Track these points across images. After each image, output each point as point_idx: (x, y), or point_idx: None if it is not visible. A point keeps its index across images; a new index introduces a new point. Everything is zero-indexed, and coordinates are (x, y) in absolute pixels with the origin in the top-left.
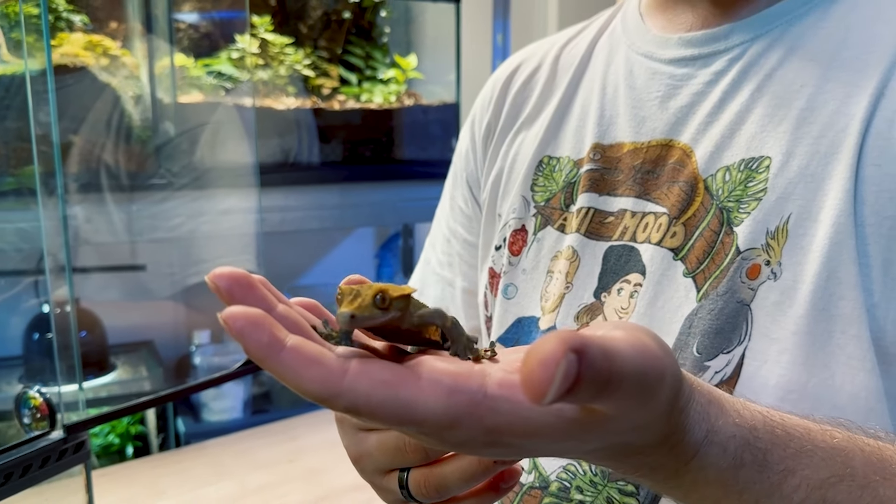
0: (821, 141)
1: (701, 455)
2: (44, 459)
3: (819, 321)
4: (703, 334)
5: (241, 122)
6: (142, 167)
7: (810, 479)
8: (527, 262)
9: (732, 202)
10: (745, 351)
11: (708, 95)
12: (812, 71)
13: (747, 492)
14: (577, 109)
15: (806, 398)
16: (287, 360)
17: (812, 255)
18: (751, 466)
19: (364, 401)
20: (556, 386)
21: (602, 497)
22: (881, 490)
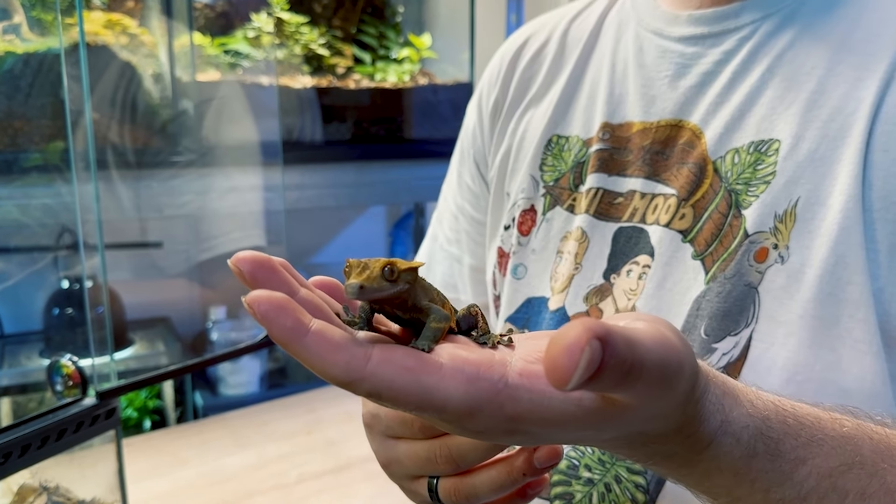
0: (830, 125)
1: (715, 445)
2: (78, 424)
3: (826, 305)
4: (710, 317)
5: (261, 100)
6: (161, 145)
7: (821, 468)
8: (536, 242)
9: (741, 185)
10: (752, 333)
11: (718, 76)
12: (823, 53)
13: (759, 480)
14: (586, 87)
15: (812, 381)
16: (311, 344)
17: (820, 239)
18: (763, 456)
19: (386, 386)
20: (579, 372)
21: (610, 475)
22: (888, 478)
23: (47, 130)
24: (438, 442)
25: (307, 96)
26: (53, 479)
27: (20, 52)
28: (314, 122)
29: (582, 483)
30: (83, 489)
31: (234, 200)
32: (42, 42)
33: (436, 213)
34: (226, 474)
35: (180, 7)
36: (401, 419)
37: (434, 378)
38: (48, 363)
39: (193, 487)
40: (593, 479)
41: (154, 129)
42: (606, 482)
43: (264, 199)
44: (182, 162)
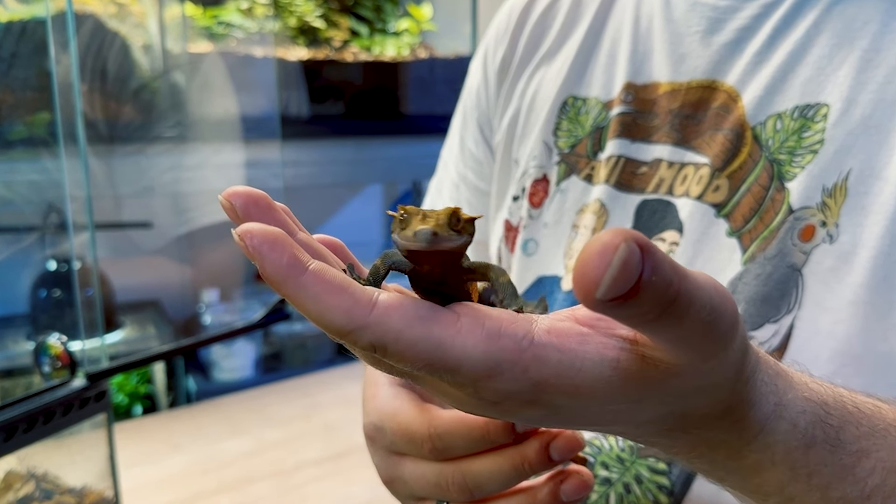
0: (887, 88)
1: (767, 431)
2: (66, 407)
3: (880, 291)
4: (748, 301)
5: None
6: (151, 119)
7: (885, 462)
8: (549, 215)
9: (784, 154)
10: (794, 321)
11: (757, 31)
12: (878, 6)
13: (817, 475)
14: (606, 44)
15: (862, 374)
16: (309, 284)
17: (874, 216)
18: (822, 445)
19: (393, 336)
20: (611, 273)
21: (630, 474)
22: None
23: (33, 102)
24: (452, 467)
25: (302, 70)
26: (42, 465)
27: (4, 21)
28: (308, 96)
29: (598, 482)
30: (73, 476)
31: (228, 176)
32: (27, 10)
33: (434, 181)
34: (221, 460)
35: None
36: (408, 435)
37: (450, 331)
38: (35, 344)
39: (187, 474)
40: (611, 478)
41: (144, 103)
42: (626, 482)
43: (261, 176)
44: (173, 137)
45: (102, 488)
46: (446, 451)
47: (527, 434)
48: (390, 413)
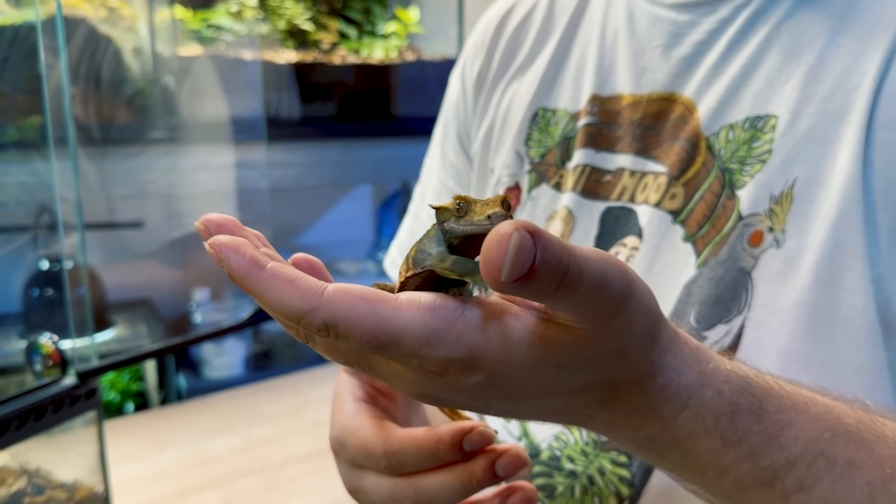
0: (830, 100)
1: (696, 399)
2: (57, 404)
3: (824, 292)
4: (701, 303)
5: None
6: (141, 121)
7: (807, 432)
8: None
9: (735, 163)
10: (744, 321)
11: (713, 46)
12: (824, 22)
13: (745, 442)
14: (574, 57)
15: (808, 371)
16: (267, 277)
17: (818, 222)
18: (747, 413)
19: (343, 315)
20: (510, 257)
21: (594, 467)
22: (876, 448)
23: (24, 105)
24: (406, 482)
25: (291, 72)
26: (34, 461)
27: None
28: (298, 98)
29: (564, 475)
30: (64, 471)
31: (218, 178)
32: (18, 14)
33: (418, 189)
34: (210, 456)
35: None
36: (366, 452)
37: (391, 306)
38: (27, 343)
39: (177, 470)
40: (576, 470)
41: (134, 105)
42: (589, 474)
43: (248, 177)
44: (163, 139)
45: (93, 483)
46: (400, 467)
47: (475, 452)
48: (351, 429)
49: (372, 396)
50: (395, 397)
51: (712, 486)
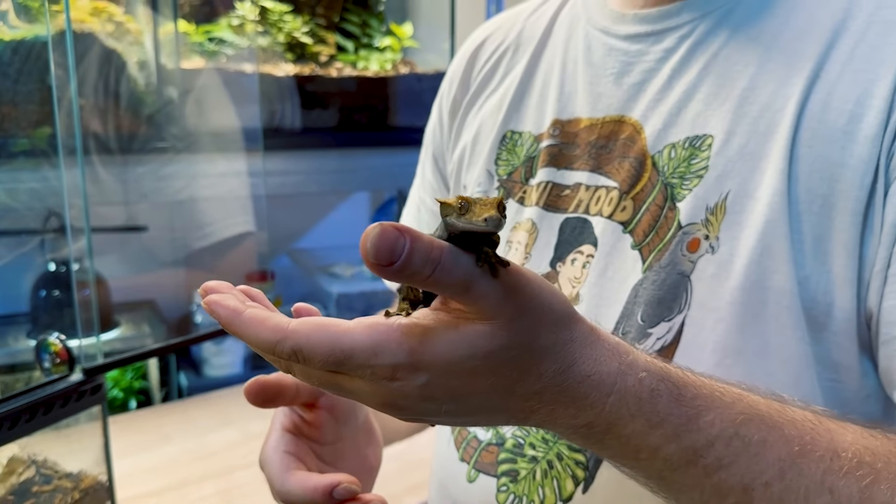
0: (759, 121)
1: (619, 386)
2: (65, 399)
3: (753, 293)
4: (646, 303)
5: (244, 87)
6: (145, 131)
7: (723, 415)
8: None
9: (676, 179)
10: (684, 319)
11: (658, 73)
12: (755, 51)
13: (667, 423)
14: (538, 84)
15: (740, 364)
16: (245, 320)
17: (748, 230)
18: (667, 397)
19: (304, 340)
20: (373, 240)
21: (552, 453)
22: (786, 430)
23: (35, 116)
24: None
25: (289, 84)
26: (42, 452)
27: (7, 39)
28: (297, 109)
29: (527, 460)
30: (70, 463)
31: (217, 186)
32: (29, 29)
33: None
34: (208, 450)
35: None
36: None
37: (341, 329)
38: (37, 341)
39: (176, 462)
40: (537, 456)
41: (139, 116)
42: (549, 459)
43: (246, 185)
44: (166, 148)
45: (97, 474)
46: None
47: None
48: (265, 460)
49: (298, 427)
50: (321, 427)
51: (647, 468)
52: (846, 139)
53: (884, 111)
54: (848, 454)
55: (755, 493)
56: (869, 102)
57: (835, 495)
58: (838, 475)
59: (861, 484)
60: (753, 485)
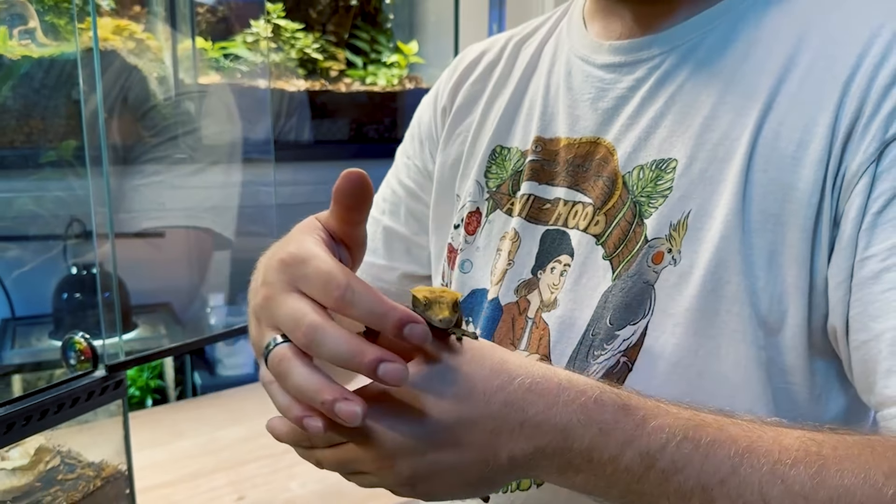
0: (718, 147)
1: (564, 399)
2: (89, 394)
3: (708, 300)
4: (615, 308)
5: (257, 101)
6: (164, 142)
7: (670, 422)
8: (480, 240)
9: (644, 197)
10: (647, 323)
11: (630, 100)
12: (716, 84)
13: (618, 430)
14: (526, 105)
15: (696, 364)
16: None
17: (705, 245)
18: (613, 407)
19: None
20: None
21: None
22: (732, 430)
23: (61, 129)
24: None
25: (301, 98)
26: (66, 443)
27: (36, 56)
28: (307, 122)
29: None
30: (93, 453)
31: (230, 194)
32: (56, 46)
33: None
34: (220, 445)
35: (183, 12)
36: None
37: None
38: (63, 340)
39: (190, 456)
40: None
41: (158, 128)
42: None
43: (257, 194)
44: (183, 158)
45: (117, 464)
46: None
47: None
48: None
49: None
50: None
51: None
52: (795, 164)
53: (827, 137)
54: (794, 445)
55: (714, 493)
56: (814, 130)
57: (787, 483)
58: (788, 465)
59: (810, 471)
60: (710, 484)
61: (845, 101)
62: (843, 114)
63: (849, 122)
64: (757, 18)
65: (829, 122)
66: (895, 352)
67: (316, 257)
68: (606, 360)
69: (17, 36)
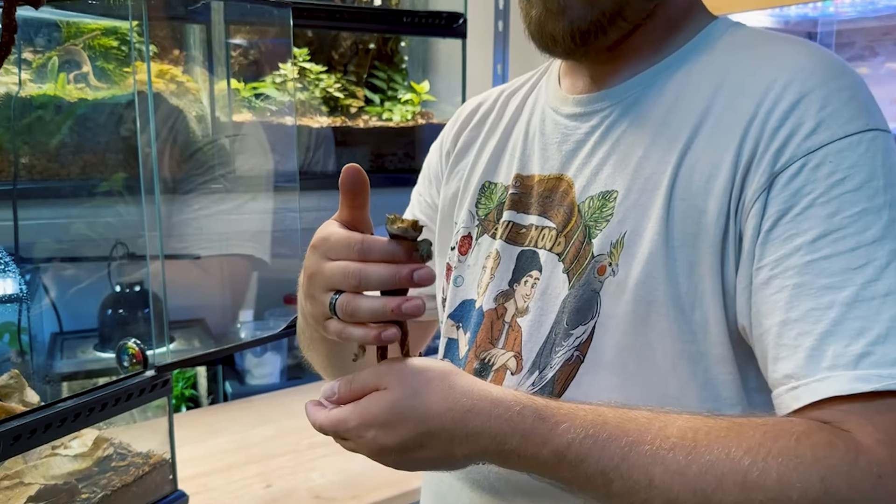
0: (648, 181)
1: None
2: (140, 391)
3: (640, 305)
4: (570, 312)
5: (284, 136)
6: (202, 174)
7: (576, 424)
8: (471, 259)
9: (592, 222)
10: (595, 324)
11: (586, 143)
12: (649, 130)
13: (535, 434)
14: (510, 147)
15: (634, 356)
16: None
17: (638, 259)
18: (530, 416)
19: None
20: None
21: None
22: (625, 426)
23: (110, 162)
24: (356, 264)
25: (324, 133)
26: (118, 437)
27: (90, 98)
28: (330, 154)
29: None
30: (141, 445)
31: (261, 220)
32: (107, 89)
33: None
34: (250, 442)
35: (219, 56)
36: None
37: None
38: (118, 346)
39: (224, 451)
40: None
41: (198, 163)
42: None
43: (284, 219)
44: (218, 188)
45: (162, 453)
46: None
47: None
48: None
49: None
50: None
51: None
52: (706, 193)
53: (731, 172)
54: (675, 434)
55: (611, 475)
56: (721, 166)
57: (666, 464)
58: (667, 450)
59: (684, 453)
60: (608, 469)
61: (745, 143)
62: (743, 152)
63: (747, 159)
64: (684, 76)
65: (733, 159)
66: (778, 343)
67: (334, 232)
68: (564, 354)
69: (73, 80)
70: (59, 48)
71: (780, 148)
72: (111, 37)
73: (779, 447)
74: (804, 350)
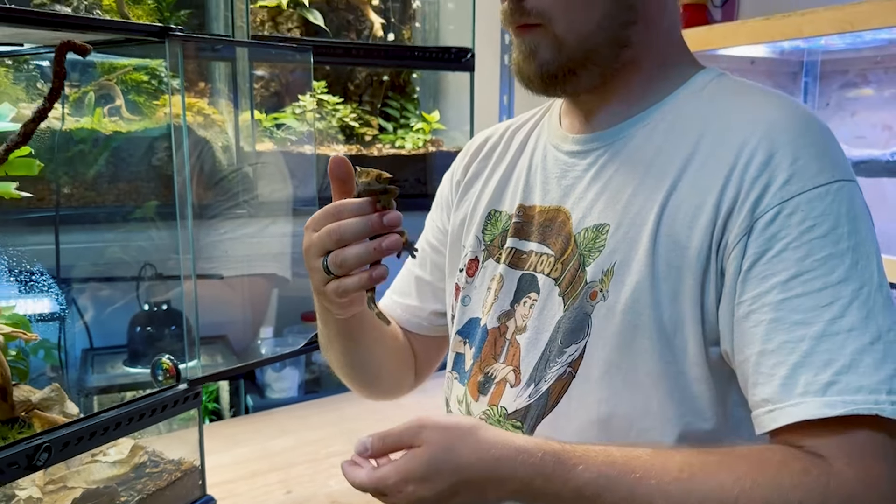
0: (637, 216)
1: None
2: (174, 402)
3: (627, 327)
4: (564, 332)
5: (304, 164)
6: (227, 200)
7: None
8: (477, 281)
9: (587, 251)
10: (586, 343)
11: (583, 179)
12: (638, 170)
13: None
14: (514, 178)
15: (620, 373)
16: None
17: (625, 287)
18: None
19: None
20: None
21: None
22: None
23: (143, 190)
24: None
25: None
26: (153, 443)
27: (124, 131)
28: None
29: None
30: (173, 453)
31: (281, 242)
32: (138, 122)
33: None
34: (271, 452)
35: (243, 89)
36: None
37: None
38: (152, 362)
39: (247, 460)
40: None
41: (222, 189)
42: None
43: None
44: (242, 213)
45: (192, 460)
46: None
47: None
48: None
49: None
50: None
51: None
52: (689, 230)
53: (713, 213)
54: (675, 468)
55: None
56: (704, 208)
57: (668, 496)
58: (668, 483)
59: (683, 485)
60: (619, 501)
61: (727, 189)
62: (725, 197)
63: (729, 204)
64: (672, 121)
65: (715, 202)
66: (757, 370)
67: (318, 212)
68: (558, 370)
69: (107, 113)
70: (94, 83)
71: (759, 196)
72: (142, 72)
73: (762, 476)
74: (779, 378)
